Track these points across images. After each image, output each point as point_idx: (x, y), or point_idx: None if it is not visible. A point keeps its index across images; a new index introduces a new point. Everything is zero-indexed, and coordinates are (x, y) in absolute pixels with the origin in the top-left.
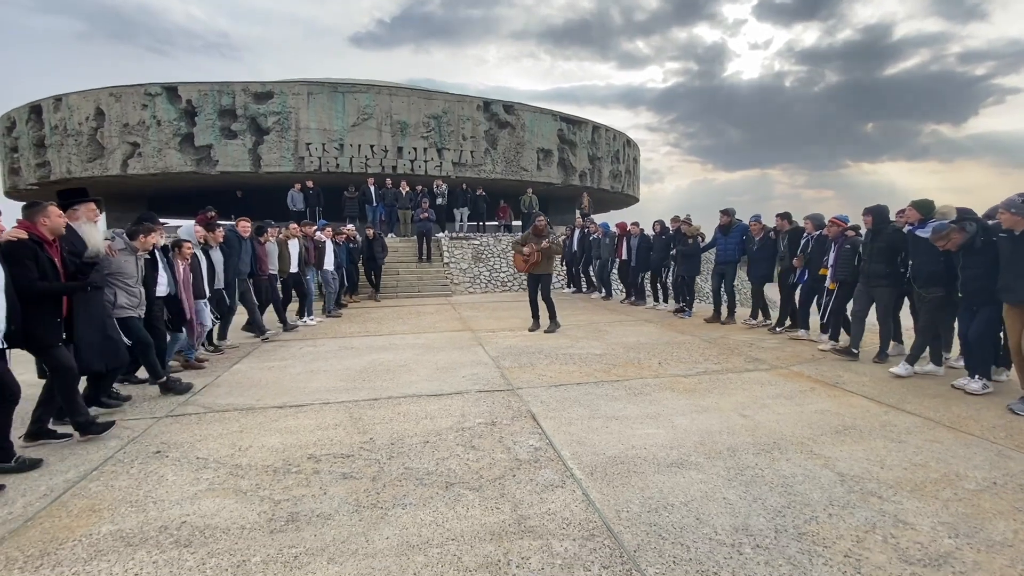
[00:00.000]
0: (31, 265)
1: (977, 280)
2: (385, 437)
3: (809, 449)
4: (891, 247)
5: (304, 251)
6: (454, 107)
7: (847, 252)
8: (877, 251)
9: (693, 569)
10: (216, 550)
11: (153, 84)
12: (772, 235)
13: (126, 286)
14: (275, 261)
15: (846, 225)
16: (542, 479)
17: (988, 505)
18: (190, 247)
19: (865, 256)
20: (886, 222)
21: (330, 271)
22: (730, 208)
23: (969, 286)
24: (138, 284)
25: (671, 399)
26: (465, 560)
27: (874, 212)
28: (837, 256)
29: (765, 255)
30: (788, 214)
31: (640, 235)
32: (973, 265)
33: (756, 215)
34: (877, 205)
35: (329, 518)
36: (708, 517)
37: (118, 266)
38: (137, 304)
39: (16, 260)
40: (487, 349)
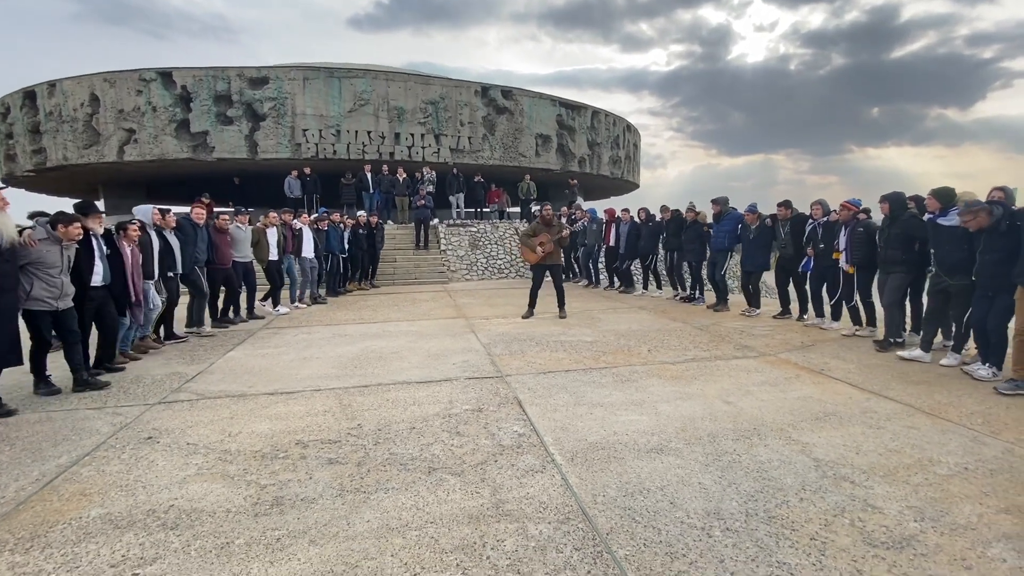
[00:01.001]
0: None
1: (997, 265)
2: (373, 423)
3: (788, 435)
4: (907, 234)
5: (282, 239)
6: (452, 92)
7: (860, 235)
8: (893, 237)
9: (662, 551)
10: (201, 532)
11: (148, 70)
12: (768, 223)
13: (47, 276)
14: (246, 249)
15: (857, 208)
16: (523, 464)
17: (957, 490)
18: (135, 228)
19: (881, 243)
20: (903, 209)
21: (308, 258)
22: (721, 197)
23: (987, 270)
24: (62, 274)
25: (657, 386)
26: (442, 542)
27: (891, 199)
28: (850, 239)
29: (761, 243)
30: (789, 202)
31: (631, 222)
32: (994, 249)
33: (752, 204)
34: (894, 192)
35: (313, 502)
36: (682, 501)
37: (38, 255)
38: (58, 296)
39: None
40: (479, 336)
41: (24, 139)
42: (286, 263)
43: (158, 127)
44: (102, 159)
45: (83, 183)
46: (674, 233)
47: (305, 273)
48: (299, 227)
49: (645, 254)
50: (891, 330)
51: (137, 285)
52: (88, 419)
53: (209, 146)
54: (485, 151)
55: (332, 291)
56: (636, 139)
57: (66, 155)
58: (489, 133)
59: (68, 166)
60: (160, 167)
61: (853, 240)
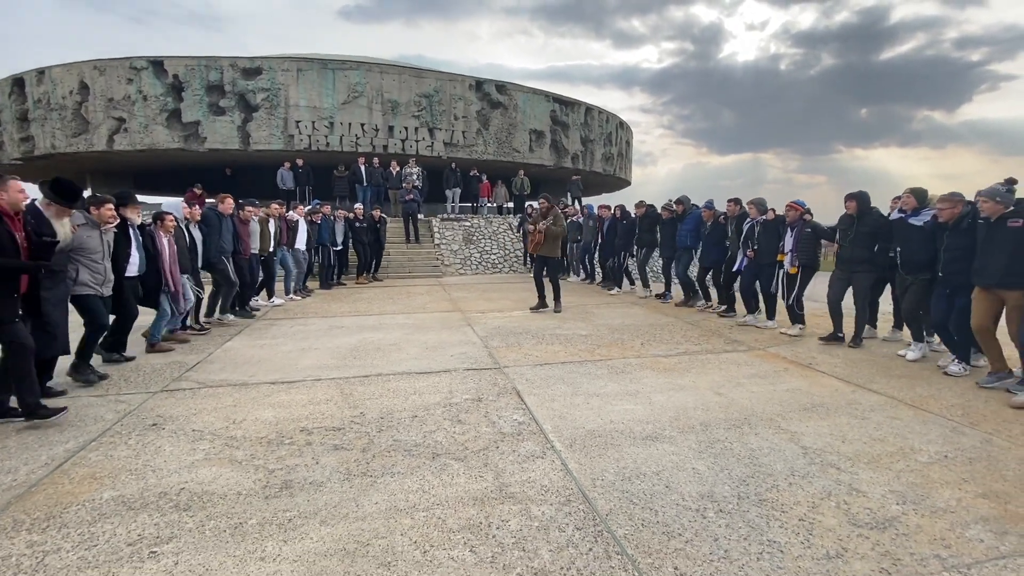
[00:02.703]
0: None
1: (957, 262)
2: (375, 412)
3: (777, 425)
4: (873, 233)
5: (278, 231)
6: (446, 86)
7: (808, 236)
8: (860, 236)
9: (659, 531)
10: (214, 513)
11: (139, 58)
12: (722, 220)
13: (90, 262)
14: (257, 240)
15: (803, 209)
16: (524, 450)
17: (937, 476)
18: (172, 219)
19: (846, 241)
20: (869, 208)
21: (301, 250)
22: (684, 197)
23: (949, 267)
24: (104, 260)
25: (650, 378)
26: (449, 522)
27: (858, 197)
28: (797, 240)
29: (715, 240)
30: (738, 199)
31: (611, 218)
32: (955, 247)
33: (709, 201)
34: (860, 191)
35: (321, 485)
36: (677, 485)
37: (79, 241)
38: (102, 282)
39: None
40: (476, 329)
41: (12, 127)
42: (279, 254)
43: (149, 116)
44: (91, 148)
45: (71, 172)
46: (647, 229)
47: (299, 264)
48: (295, 219)
49: (620, 251)
50: (861, 327)
51: (175, 276)
52: (91, 406)
53: (201, 136)
54: (479, 146)
55: (324, 283)
56: (628, 136)
57: (54, 143)
58: (483, 128)
59: (56, 154)
60: (150, 157)
61: (801, 241)
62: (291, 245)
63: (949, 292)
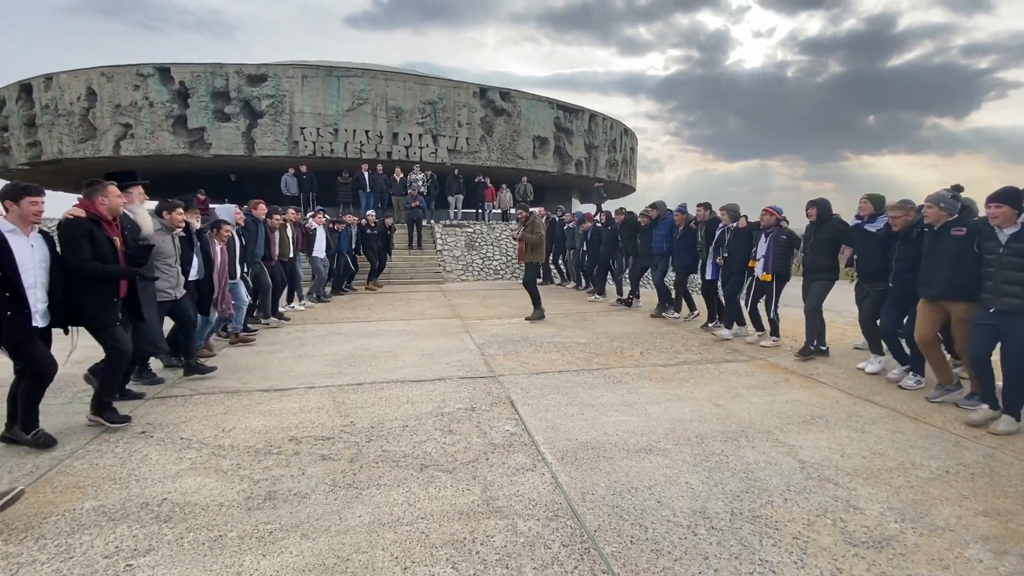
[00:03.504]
0: (84, 244)
1: (907, 272)
2: (366, 421)
3: (775, 437)
4: (833, 240)
5: (295, 237)
6: (450, 93)
7: (783, 243)
8: (820, 243)
9: (648, 548)
10: (194, 525)
11: (145, 65)
12: (692, 225)
13: (165, 266)
14: (284, 247)
15: (779, 215)
16: (514, 463)
17: (937, 492)
18: (228, 229)
19: (807, 249)
20: (829, 214)
21: (320, 258)
22: (659, 202)
23: (900, 277)
24: (176, 264)
25: (648, 388)
26: (432, 537)
27: (818, 204)
28: (771, 247)
29: (687, 245)
30: (708, 204)
31: (593, 225)
32: (906, 256)
33: (682, 205)
34: (821, 198)
35: (306, 497)
36: (669, 500)
37: (156, 246)
38: (175, 285)
39: (68, 238)
40: (474, 336)
41: (19, 132)
42: (297, 260)
43: (155, 122)
44: (98, 154)
45: (77, 177)
46: (628, 237)
47: (318, 271)
48: (313, 227)
49: (605, 258)
50: (811, 337)
51: (224, 284)
52: (82, 413)
53: (206, 142)
54: (483, 152)
55: (337, 290)
56: (633, 143)
57: (61, 149)
58: (487, 134)
59: (63, 160)
60: (156, 163)
61: (775, 247)
62: (309, 252)
63: (901, 302)
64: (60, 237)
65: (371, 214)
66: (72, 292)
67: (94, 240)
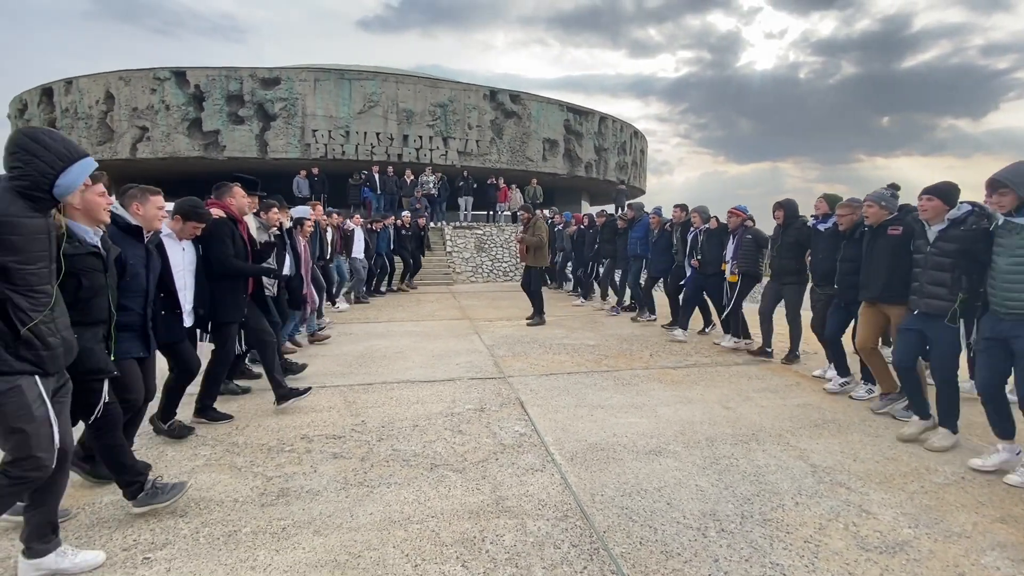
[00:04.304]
0: (229, 243)
1: (851, 275)
2: (376, 420)
3: (786, 441)
4: (799, 242)
5: (334, 239)
6: (460, 96)
7: (749, 243)
8: (786, 246)
9: (658, 549)
10: (209, 520)
11: (162, 68)
12: (668, 227)
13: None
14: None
15: (745, 216)
16: (524, 463)
17: (952, 498)
18: (311, 225)
19: (774, 252)
20: (795, 216)
21: (359, 259)
22: (636, 203)
23: (844, 280)
24: (272, 261)
25: (658, 390)
26: (443, 536)
27: (785, 206)
28: (738, 247)
29: (662, 248)
30: (685, 205)
31: (578, 228)
32: (849, 258)
33: (657, 207)
34: (788, 199)
35: (317, 494)
36: (679, 502)
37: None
38: (273, 283)
39: (217, 237)
40: (483, 338)
41: None
42: (335, 262)
43: (171, 125)
44: (115, 156)
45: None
46: (608, 240)
47: (357, 272)
48: (351, 228)
49: (589, 261)
50: (795, 344)
51: (309, 280)
52: None
53: (220, 145)
54: (493, 154)
55: (376, 291)
56: (643, 145)
57: None
58: (497, 137)
59: None
60: (171, 165)
61: (741, 248)
62: (348, 254)
63: (845, 306)
64: (208, 236)
65: (406, 215)
66: (211, 290)
67: (233, 239)
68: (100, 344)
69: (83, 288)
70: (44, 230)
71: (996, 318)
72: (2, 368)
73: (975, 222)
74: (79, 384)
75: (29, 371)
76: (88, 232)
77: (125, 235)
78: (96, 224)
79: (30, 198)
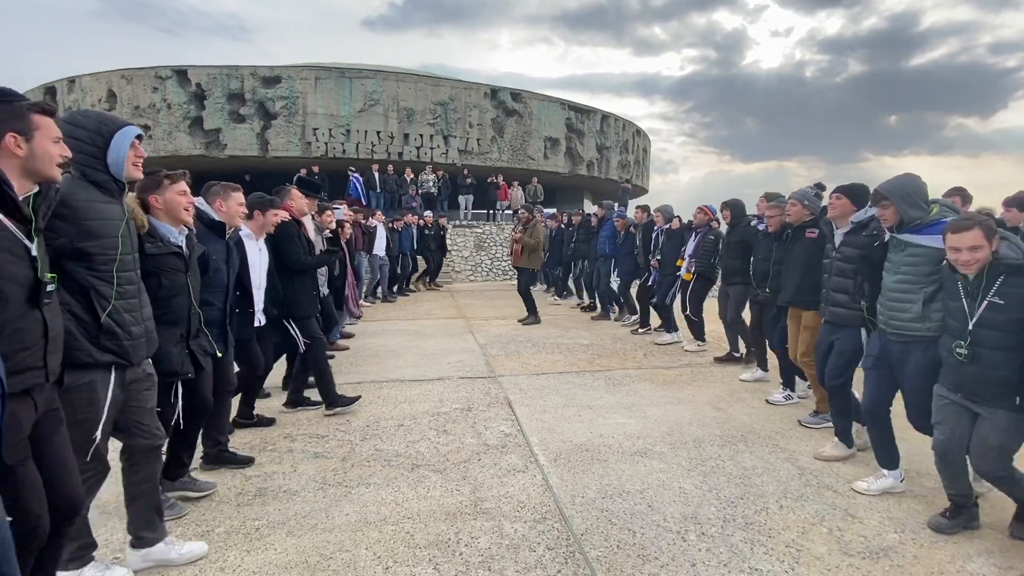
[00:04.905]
0: (299, 242)
1: (778, 278)
2: (361, 419)
3: (775, 443)
4: (744, 243)
5: (355, 237)
6: (461, 94)
7: (710, 243)
8: (732, 246)
9: (635, 553)
10: (183, 521)
11: (163, 67)
12: (632, 229)
13: None
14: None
15: (712, 215)
16: (506, 464)
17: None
18: (349, 227)
19: (722, 252)
20: (742, 216)
21: (380, 256)
22: (607, 202)
23: (773, 283)
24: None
25: (648, 390)
26: (417, 537)
27: (731, 206)
28: (698, 246)
29: (627, 250)
30: (647, 206)
31: (557, 227)
32: (779, 260)
33: (621, 210)
34: (734, 199)
35: (295, 494)
36: (660, 505)
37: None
38: (324, 282)
39: (287, 237)
40: (477, 337)
41: None
42: (356, 260)
43: (172, 124)
44: None
45: None
46: (584, 240)
47: (375, 271)
48: (374, 225)
49: (566, 261)
50: (733, 345)
51: (351, 279)
52: None
53: (221, 143)
54: (493, 153)
55: (402, 290)
56: (646, 144)
57: None
58: (498, 135)
59: None
60: (173, 163)
61: (701, 247)
62: (369, 251)
63: (778, 311)
64: (279, 237)
65: (428, 215)
66: (284, 289)
67: (299, 239)
68: (178, 346)
69: (163, 287)
70: (119, 215)
71: (885, 338)
72: (84, 359)
73: (877, 226)
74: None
75: (109, 362)
76: (172, 232)
77: (208, 231)
78: (178, 223)
79: (94, 182)
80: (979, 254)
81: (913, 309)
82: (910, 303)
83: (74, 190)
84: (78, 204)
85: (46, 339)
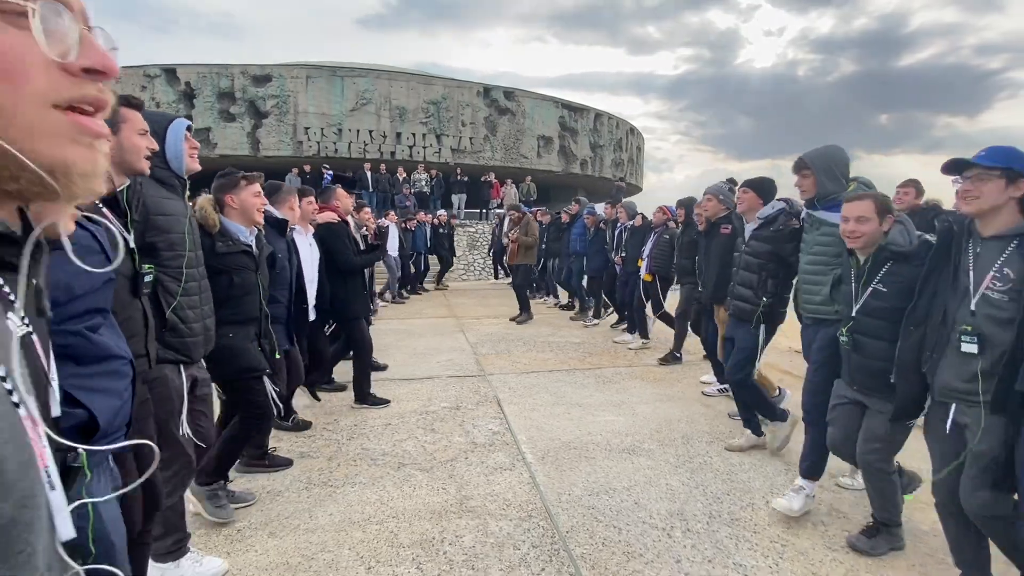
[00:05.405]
0: (348, 243)
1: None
2: (349, 418)
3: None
4: (694, 242)
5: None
6: (453, 92)
7: (664, 243)
8: (685, 246)
9: (620, 551)
10: None
11: (152, 66)
12: (602, 226)
13: None
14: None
15: (670, 215)
16: (493, 462)
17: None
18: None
19: (676, 251)
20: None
21: (392, 256)
22: (580, 198)
23: (703, 279)
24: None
25: (639, 388)
26: (401, 537)
27: (686, 204)
28: (654, 246)
29: (597, 247)
30: (612, 201)
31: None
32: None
33: (591, 206)
34: (688, 197)
35: (279, 495)
36: (647, 502)
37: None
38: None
39: (338, 237)
40: (468, 336)
41: None
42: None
43: None
44: None
45: None
46: (555, 238)
47: (391, 271)
48: (386, 225)
49: (542, 258)
50: (677, 344)
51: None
52: None
53: (211, 142)
54: (486, 152)
55: (414, 290)
56: (640, 142)
57: None
58: (491, 134)
59: None
60: None
61: (657, 247)
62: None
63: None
64: (328, 239)
65: (442, 214)
66: (336, 289)
67: (348, 238)
68: (252, 343)
69: (234, 286)
70: (183, 212)
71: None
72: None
73: (784, 222)
74: (233, 383)
75: (173, 359)
76: (242, 231)
77: (270, 228)
78: (250, 224)
79: (158, 180)
80: (864, 227)
81: (823, 292)
82: (821, 285)
83: (146, 189)
84: (147, 200)
85: (147, 327)
